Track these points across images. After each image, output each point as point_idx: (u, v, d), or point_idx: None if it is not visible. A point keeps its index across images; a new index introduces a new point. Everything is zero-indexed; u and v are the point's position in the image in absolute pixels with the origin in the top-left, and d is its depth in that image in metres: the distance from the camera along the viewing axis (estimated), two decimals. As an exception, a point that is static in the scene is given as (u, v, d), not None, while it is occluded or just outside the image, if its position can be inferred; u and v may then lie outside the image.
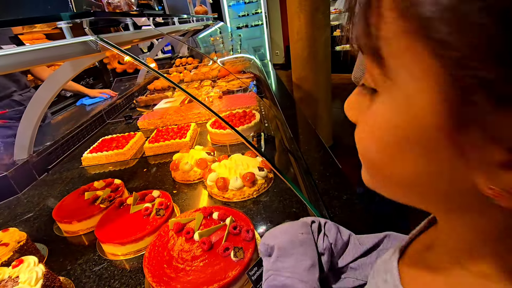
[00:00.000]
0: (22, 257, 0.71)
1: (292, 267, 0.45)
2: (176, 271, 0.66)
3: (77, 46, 0.70)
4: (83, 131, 1.80)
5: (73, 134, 1.70)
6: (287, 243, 0.48)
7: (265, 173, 1.01)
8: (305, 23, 2.47)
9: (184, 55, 4.27)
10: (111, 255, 0.84)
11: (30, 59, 0.66)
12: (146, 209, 0.90)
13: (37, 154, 1.40)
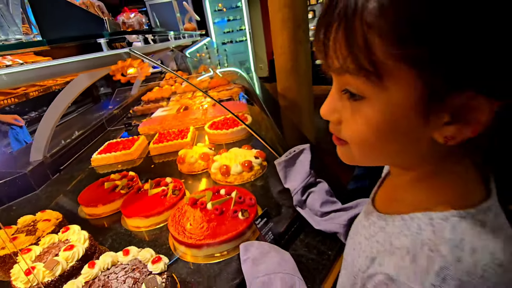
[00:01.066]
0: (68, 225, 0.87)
1: (265, 270, 0.65)
2: (195, 229, 0.85)
3: (113, 56, 0.90)
4: (87, 137, 1.94)
5: (79, 139, 1.85)
6: (259, 255, 0.69)
7: (260, 161, 1.22)
8: (287, 39, 2.76)
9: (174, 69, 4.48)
10: (135, 228, 1.01)
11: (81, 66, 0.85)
12: (163, 191, 1.08)
13: (50, 156, 1.54)
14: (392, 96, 0.29)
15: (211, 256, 0.81)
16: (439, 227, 0.31)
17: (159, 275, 0.66)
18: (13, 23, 0.76)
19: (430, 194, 0.35)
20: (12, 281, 0.73)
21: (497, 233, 0.30)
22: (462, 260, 0.28)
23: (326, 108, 0.36)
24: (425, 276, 0.29)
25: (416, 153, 0.34)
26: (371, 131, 0.32)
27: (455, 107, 0.27)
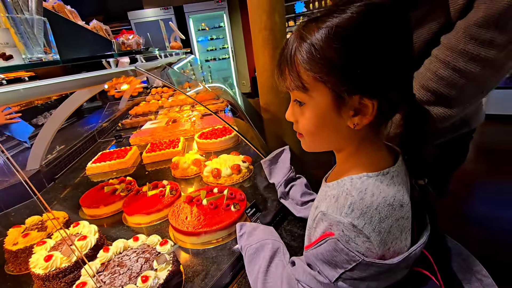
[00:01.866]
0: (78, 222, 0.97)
1: (256, 239, 0.80)
2: (194, 221, 0.97)
3: (120, 73, 1.04)
4: (79, 148, 2.02)
5: (72, 150, 1.92)
6: (251, 229, 0.86)
7: (247, 164, 1.37)
8: (268, 58, 2.98)
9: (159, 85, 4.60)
10: (136, 225, 1.11)
11: (90, 82, 0.98)
12: (161, 192, 1.20)
13: (46, 165, 1.61)
14: (317, 101, 0.50)
15: (208, 243, 0.94)
16: (354, 182, 0.51)
17: (167, 255, 0.78)
18: (37, 44, 0.89)
19: (353, 165, 0.55)
20: (31, 268, 0.82)
21: (390, 186, 0.50)
22: (364, 199, 0.48)
23: (288, 113, 0.58)
24: (342, 209, 0.48)
25: (342, 138, 0.54)
26: (312, 124, 0.53)
27: (354, 105, 0.48)
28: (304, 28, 0.49)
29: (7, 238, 0.97)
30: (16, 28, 0.82)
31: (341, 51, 0.45)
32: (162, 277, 0.72)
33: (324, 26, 0.46)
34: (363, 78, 0.46)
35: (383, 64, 0.46)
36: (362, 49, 0.45)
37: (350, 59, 0.45)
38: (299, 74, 0.49)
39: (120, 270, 0.75)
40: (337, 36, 0.45)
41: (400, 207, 0.49)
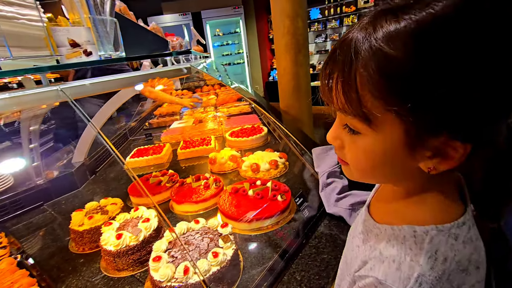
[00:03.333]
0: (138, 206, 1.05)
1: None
2: (242, 210, 1.04)
3: (176, 70, 1.13)
4: (114, 144, 2.12)
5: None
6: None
7: (284, 160, 1.44)
8: (290, 62, 3.07)
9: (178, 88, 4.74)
10: (183, 213, 1.19)
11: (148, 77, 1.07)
12: (206, 183, 1.27)
13: (89, 158, 1.71)
14: (381, 135, 0.36)
15: (257, 229, 1.00)
16: (420, 239, 0.37)
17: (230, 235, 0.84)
18: (109, 42, 0.98)
19: (416, 209, 0.42)
20: (103, 245, 0.89)
21: (467, 244, 0.37)
22: (434, 268, 0.35)
23: (331, 136, 0.44)
24: (407, 281, 0.35)
25: (405, 177, 0.41)
26: (366, 160, 0.39)
27: (435, 146, 0.34)
28: (375, 21, 0.33)
29: (72, 220, 1.05)
30: (95, 28, 0.91)
31: (436, 67, 0.29)
32: (229, 254, 0.78)
33: (409, 21, 0.30)
34: (463, 113, 0.31)
35: (496, 85, 0.30)
36: (472, 59, 0.29)
37: (449, 79, 0.29)
38: (361, 100, 0.34)
39: (189, 248, 0.81)
40: (432, 40, 0.29)
41: (476, 270, 0.38)
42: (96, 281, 0.88)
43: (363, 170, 0.42)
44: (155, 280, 0.73)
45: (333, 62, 0.37)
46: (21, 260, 0.97)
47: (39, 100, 0.78)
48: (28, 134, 1.26)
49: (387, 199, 0.48)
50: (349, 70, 0.34)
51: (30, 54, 0.74)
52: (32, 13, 0.74)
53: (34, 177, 1.41)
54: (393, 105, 0.32)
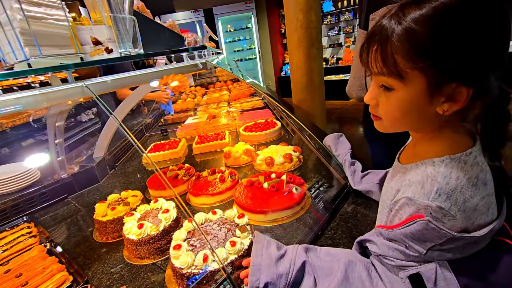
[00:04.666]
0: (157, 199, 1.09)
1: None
2: (258, 202, 1.06)
3: (192, 66, 1.15)
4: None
5: (126, 142, 2.08)
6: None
7: (298, 154, 1.44)
8: (303, 55, 3.05)
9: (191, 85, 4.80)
10: (200, 205, 1.22)
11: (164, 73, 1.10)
12: (221, 177, 1.30)
13: (109, 154, 1.77)
14: (410, 88, 0.49)
15: (274, 221, 1.02)
16: (437, 165, 0.52)
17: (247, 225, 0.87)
18: (129, 39, 1.02)
19: (434, 147, 0.55)
20: (126, 235, 0.93)
21: (474, 166, 0.51)
22: (449, 183, 0.49)
23: (370, 96, 0.57)
24: (429, 195, 0.49)
25: (426, 121, 0.54)
26: (397, 110, 0.53)
27: (447, 92, 0.48)
28: (403, 10, 0.47)
29: (96, 211, 1.10)
30: (116, 26, 0.94)
31: (447, 37, 0.44)
32: (246, 244, 0.80)
33: (428, 8, 0.44)
34: (465, 65, 0.45)
35: (487, 49, 0.45)
36: (469, 32, 0.44)
37: (456, 45, 0.44)
38: (396, 62, 0.48)
39: (207, 237, 0.84)
40: (444, 20, 0.44)
41: (484, 186, 0.51)
42: (120, 268, 0.92)
43: (395, 118, 0.55)
44: (176, 267, 0.76)
45: (372, 39, 0.51)
46: (50, 248, 1.03)
47: (66, 96, 0.83)
48: (54, 130, 1.32)
49: (413, 145, 0.62)
50: (387, 42, 0.48)
51: (58, 52, 0.78)
52: (58, 13, 0.78)
53: (59, 171, 1.48)
54: (419, 63, 0.46)
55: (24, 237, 1.08)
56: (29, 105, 0.76)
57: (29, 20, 0.67)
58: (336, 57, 6.97)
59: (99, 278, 0.90)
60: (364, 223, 0.94)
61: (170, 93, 2.93)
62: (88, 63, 0.86)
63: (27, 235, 1.09)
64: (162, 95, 2.83)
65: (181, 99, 3.69)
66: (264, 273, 0.63)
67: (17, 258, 0.96)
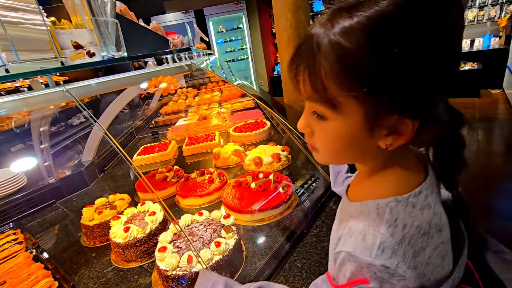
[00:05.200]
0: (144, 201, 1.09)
1: None
2: (245, 202, 1.07)
3: (178, 68, 1.15)
4: (122, 143, 2.17)
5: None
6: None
7: (286, 153, 1.45)
8: (293, 55, 3.06)
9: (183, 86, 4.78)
10: (188, 207, 1.22)
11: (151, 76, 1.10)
12: (210, 178, 1.30)
13: (98, 157, 1.76)
14: (345, 118, 0.40)
15: (260, 221, 1.03)
16: (382, 211, 0.42)
17: (232, 226, 0.87)
18: (112, 43, 1.01)
19: (379, 185, 0.46)
20: (112, 238, 0.93)
21: (424, 210, 0.42)
22: (395, 234, 0.40)
23: (302, 124, 0.46)
24: (371, 249, 0.40)
25: (369, 155, 0.45)
26: (334, 142, 0.43)
27: (389, 124, 0.39)
28: (333, 18, 0.37)
29: (83, 215, 1.10)
30: (98, 29, 0.94)
31: (386, 57, 0.34)
32: (231, 244, 0.81)
33: (360, 17, 0.34)
34: (409, 93, 0.36)
35: (437, 70, 0.36)
36: (415, 49, 0.34)
37: (397, 67, 0.34)
38: (326, 88, 0.38)
39: (193, 238, 0.85)
40: (381, 33, 0.34)
41: (438, 233, 0.42)
42: (107, 272, 0.92)
43: (332, 152, 0.45)
44: (161, 269, 0.76)
45: (299, 56, 0.40)
46: (37, 254, 1.02)
47: (46, 101, 0.82)
48: (38, 135, 1.31)
49: (359, 179, 0.52)
50: (314, 62, 0.38)
51: (36, 57, 0.78)
52: (36, 18, 0.77)
53: (46, 176, 1.46)
54: (352, 90, 0.36)
55: (9, 244, 1.07)
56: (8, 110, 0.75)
57: (5, 25, 0.67)
58: (328, 56, 7.00)
59: (86, 283, 0.90)
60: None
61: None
62: (69, 67, 0.86)
63: (13, 242, 1.08)
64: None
65: (173, 101, 3.68)
66: None
67: (2, 266, 0.95)
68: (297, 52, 0.41)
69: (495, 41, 4.54)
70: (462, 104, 4.37)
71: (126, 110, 3.61)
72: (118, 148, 0.79)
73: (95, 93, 1.07)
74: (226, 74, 4.18)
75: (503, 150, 3.11)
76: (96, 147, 1.70)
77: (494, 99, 4.43)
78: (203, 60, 2.47)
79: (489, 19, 4.63)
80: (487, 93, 4.63)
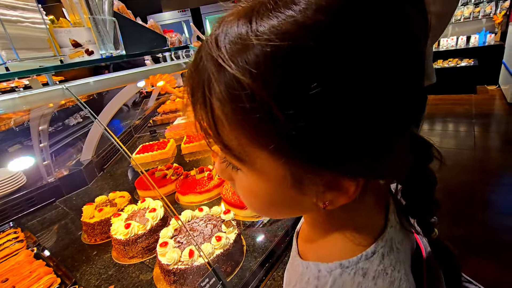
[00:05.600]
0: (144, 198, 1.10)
1: None
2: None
3: (175, 66, 1.16)
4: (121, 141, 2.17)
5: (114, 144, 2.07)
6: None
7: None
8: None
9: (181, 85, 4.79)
10: (188, 204, 1.23)
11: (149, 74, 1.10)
12: (209, 175, 1.31)
13: (97, 156, 1.76)
14: (259, 173, 0.28)
15: (260, 216, 1.04)
16: (323, 281, 0.31)
17: (232, 220, 0.88)
18: (110, 41, 1.02)
19: (322, 242, 0.35)
20: (113, 235, 0.94)
21: (379, 278, 0.30)
22: None
23: (218, 170, 0.35)
24: None
25: (306, 211, 0.35)
26: (254, 199, 0.32)
27: (325, 181, 0.27)
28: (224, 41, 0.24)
29: (84, 213, 1.10)
30: (96, 28, 0.94)
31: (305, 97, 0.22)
32: (232, 238, 0.82)
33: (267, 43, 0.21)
34: (346, 148, 0.24)
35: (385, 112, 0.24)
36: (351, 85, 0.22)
37: (322, 112, 0.22)
38: (221, 134, 0.26)
39: (194, 234, 0.86)
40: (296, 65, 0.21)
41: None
42: (109, 268, 0.93)
43: (255, 209, 0.34)
44: (162, 264, 0.77)
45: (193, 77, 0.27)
46: (38, 252, 1.03)
47: (46, 99, 0.83)
48: (37, 134, 1.31)
49: (305, 225, 0.41)
50: (209, 94, 0.25)
51: (35, 55, 0.78)
52: (35, 16, 0.77)
53: (46, 175, 1.47)
54: (260, 144, 0.25)
55: (10, 242, 1.07)
56: (8, 109, 0.75)
57: (5, 24, 0.67)
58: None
59: (87, 279, 0.90)
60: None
61: None
62: (68, 65, 0.86)
63: (14, 240, 1.09)
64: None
65: (170, 100, 3.67)
66: None
67: (3, 264, 0.95)
68: (193, 69, 0.27)
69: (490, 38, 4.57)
70: (459, 100, 4.41)
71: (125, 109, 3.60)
72: (119, 144, 0.80)
73: (94, 91, 1.07)
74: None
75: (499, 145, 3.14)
76: (95, 145, 1.70)
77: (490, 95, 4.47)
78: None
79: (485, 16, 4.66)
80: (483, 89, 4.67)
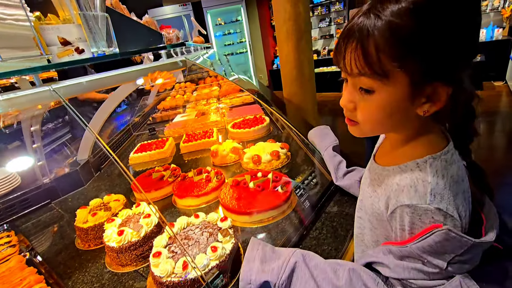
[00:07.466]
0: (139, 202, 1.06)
1: None
2: (243, 202, 1.03)
3: (172, 64, 1.11)
4: (119, 140, 2.13)
5: (113, 142, 2.04)
6: None
7: (285, 151, 1.42)
8: (292, 48, 3.01)
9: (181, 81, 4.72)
10: (185, 207, 1.19)
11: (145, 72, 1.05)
12: (207, 177, 1.27)
13: (93, 156, 1.73)
14: (391, 89, 0.47)
15: (259, 222, 1.00)
16: (423, 166, 0.50)
17: (229, 229, 0.84)
18: (102, 38, 0.97)
19: (414, 148, 0.54)
20: (106, 242, 0.90)
21: (452, 164, 0.50)
22: (439, 182, 0.48)
23: (346, 99, 0.53)
24: (425, 196, 0.48)
25: (406, 123, 0.53)
26: (378, 112, 0.50)
27: (428, 93, 0.47)
28: (381, 4, 0.44)
29: (77, 217, 1.07)
30: (86, 24, 0.89)
31: (432, 31, 0.42)
32: (228, 248, 0.78)
33: (407, 1, 0.42)
34: (449, 62, 0.44)
35: (467, 43, 0.45)
36: (452, 25, 0.42)
37: (440, 39, 0.42)
38: (380, 59, 0.45)
39: (188, 242, 0.82)
40: (426, 12, 0.42)
41: (462, 182, 0.51)
42: (102, 276, 0.90)
43: (376, 122, 0.52)
44: (155, 275, 0.74)
45: (350, 37, 0.47)
46: (30, 258, 1.00)
47: (32, 101, 0.78)
48: (30, 135, 1.27)
49: (391, 147, 0.60)
50: (368, 40, 0.45)
51: (20, 55, 0.74)
52: (18, 13, 0.73)
53: (41, 176, 1.43)
54: (405, 60, 0.44)
55: (2, 247, 1.04)
56: (-8, 112, 0.71)
57: (-16, 22, 0.63)
58: (328, 49, 6.92)
59: (79, 288, 0.87)
60: (350, 221, 0.93)
61: None
62: (56, 65, 0.81)
63: (6, 244, 1.05)
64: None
65: (170, 96, 3.62)
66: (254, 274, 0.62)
67: (-6, 270, 0.92)
68: (347, 34, 0.48)
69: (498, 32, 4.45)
70: (464, 96, 4.31)
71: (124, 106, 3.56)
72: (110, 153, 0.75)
73: (85, 91, 1.02)
74: (225, 69, 4.13)
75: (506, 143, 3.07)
76: (92, 145, 1.66)
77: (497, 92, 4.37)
78: (200, 55, 2.42)
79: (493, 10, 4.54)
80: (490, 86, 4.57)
